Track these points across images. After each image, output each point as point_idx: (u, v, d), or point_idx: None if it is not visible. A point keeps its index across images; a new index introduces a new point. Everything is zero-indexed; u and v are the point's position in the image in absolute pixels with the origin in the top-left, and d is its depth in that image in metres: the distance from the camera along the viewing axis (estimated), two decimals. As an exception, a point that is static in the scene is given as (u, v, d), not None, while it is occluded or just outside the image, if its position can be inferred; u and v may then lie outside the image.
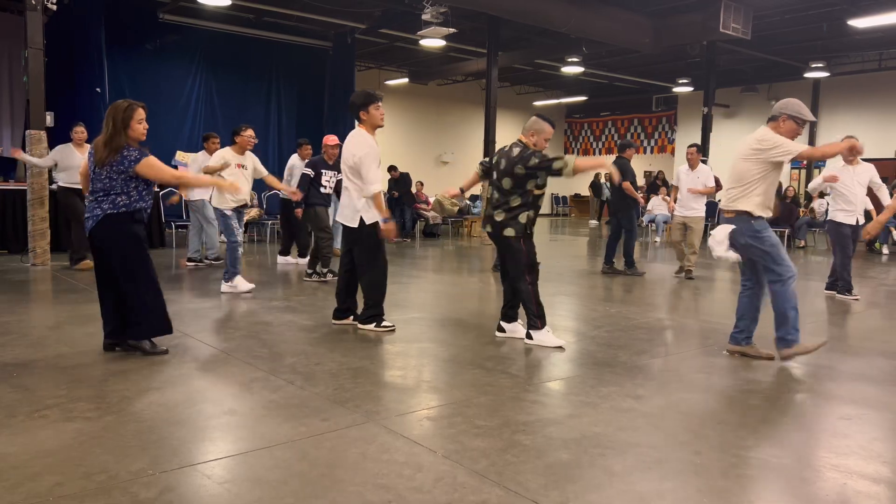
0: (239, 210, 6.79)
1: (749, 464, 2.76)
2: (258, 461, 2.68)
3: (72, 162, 7.86)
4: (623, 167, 8.56)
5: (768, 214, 4.36)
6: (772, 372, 4.24)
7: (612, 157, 4.84)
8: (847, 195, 6.94)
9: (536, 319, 4.72)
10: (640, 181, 19.85)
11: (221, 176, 6.37)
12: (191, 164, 8.92)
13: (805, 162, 19.61)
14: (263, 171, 7.06)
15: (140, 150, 4.09)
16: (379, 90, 20.68)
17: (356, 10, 13.82)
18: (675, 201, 8.45)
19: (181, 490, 2.42)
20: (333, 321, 5.30)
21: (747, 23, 11.25)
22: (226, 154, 6.67)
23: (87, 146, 7.89)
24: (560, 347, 4.65)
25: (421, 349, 4.58)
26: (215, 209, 6.77)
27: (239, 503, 2.33)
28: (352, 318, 5.28)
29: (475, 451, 2.81)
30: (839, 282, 7.06)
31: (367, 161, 4.86)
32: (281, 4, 13.15)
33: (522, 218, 4.68)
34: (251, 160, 6.87)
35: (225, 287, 6.61)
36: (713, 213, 13.29)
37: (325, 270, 7.61)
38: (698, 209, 8.22)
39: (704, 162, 9.08)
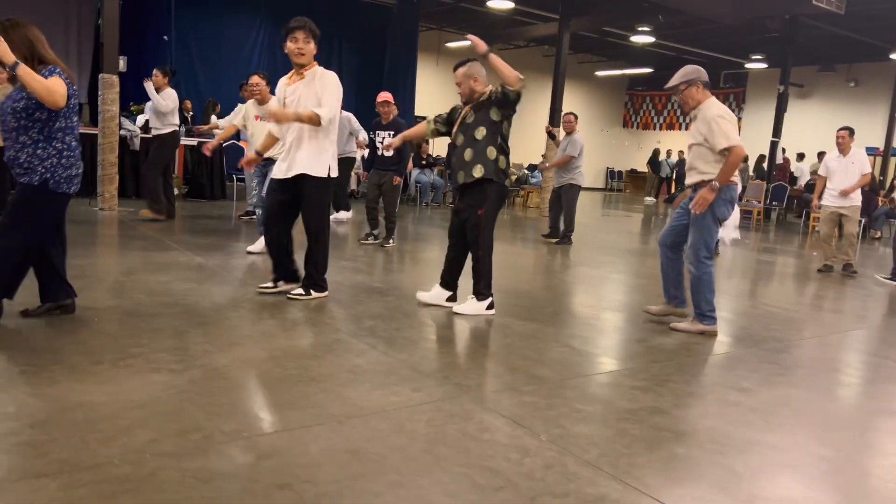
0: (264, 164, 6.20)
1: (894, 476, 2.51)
2: (354, 431, 2.54)
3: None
4: None
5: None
6: (889, 370, 3.93)
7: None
8: None
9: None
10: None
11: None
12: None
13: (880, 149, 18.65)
14: None
15: None
16: (439, 53, 20.46)
17: (425, -33, 13.45)
18: (819, 193, 7.88)
19: (281, 457, 2.29)
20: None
21: (842, -4, 10.54)
22: (246, 107, 6.43)
23: (170, 90, 7.76)
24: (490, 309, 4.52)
25: (500, 323, 4.39)
26: None
27: (342, 477, 2.19)
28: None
29: (581, 437, 2.62)
30: None
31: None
32: (349, -42, 12.85)
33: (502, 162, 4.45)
34: None
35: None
36: (869, 204, 11.86)
37: (376, 233, 7.40)
38: (855, 199, 7.66)
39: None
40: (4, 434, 2.30)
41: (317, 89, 4.34)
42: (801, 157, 17.86)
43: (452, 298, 4.68)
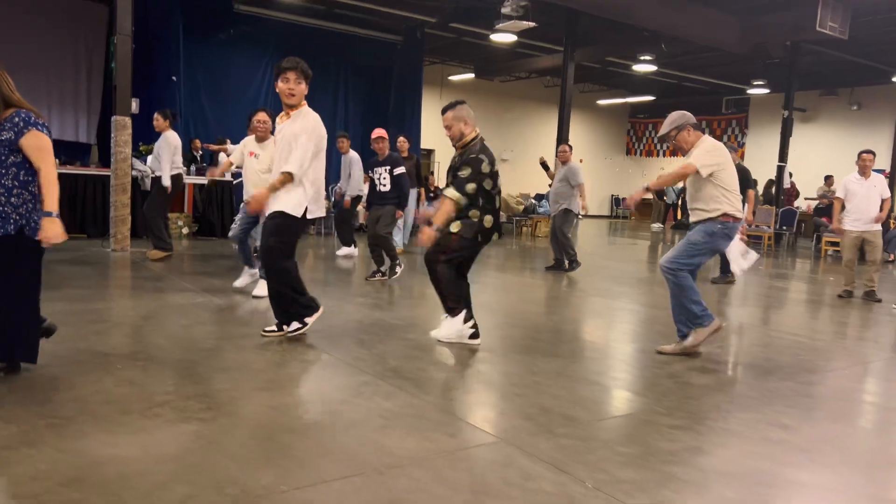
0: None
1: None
2: (395, 481, 2.46)
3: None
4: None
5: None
6: (919, 403, 3.84)
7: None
8: None
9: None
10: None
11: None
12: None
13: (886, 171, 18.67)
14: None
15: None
16: (442, 86, 20.67)
17: (428, 4, 13.62)
18: (838, 215, 7.70)
19: (321, 511, 2.22)
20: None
21: (845, 22, 10.64)
22: (245, 144, 6.05)
23: (171, 132, 7.84)
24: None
25: (525, 360, 4.32)
26: None
27: (388, 532, 2.12)
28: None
29: (628, 483, 2.54)
30: None
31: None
32: (355, -4, 13.03)
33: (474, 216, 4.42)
34: (270, 150, 5.67)
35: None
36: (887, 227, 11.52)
37: (383, 269, 7.32)
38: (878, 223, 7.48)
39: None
40: (37, 494, 2.23)
41: (295, 130, 4.28)
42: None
43: (475, 336, 4.61)
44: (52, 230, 3.19)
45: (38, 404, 3.03)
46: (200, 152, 12.50)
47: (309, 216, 4.36)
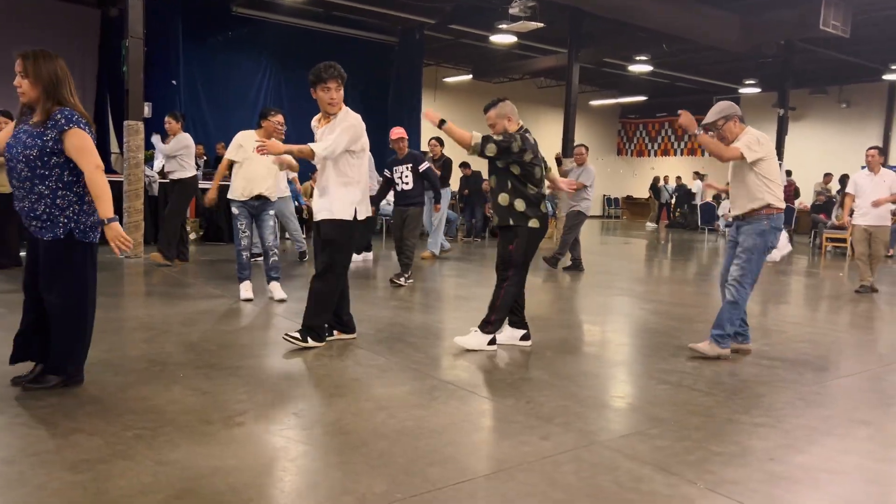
0: (253, 204, 5.65)
1: None
2: (507, 487, 2.42)
3: None
4: None
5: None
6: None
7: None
8: None
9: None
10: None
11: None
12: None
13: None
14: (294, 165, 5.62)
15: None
16: (437, 88, 20.56)
17: (427, 5, 13.58)
18: (850, 211, 7.88)
19: (448, 519, 2.17)
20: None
21: (847, 20, 10.79)
22: (244, 137, 5.63)
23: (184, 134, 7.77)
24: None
25: (579, 361, 4.30)
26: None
27: (524, 539, 2.07)
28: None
29: (737, 483, 2.51)
30: None
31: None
32: (354, -1, 12.97)
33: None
34: None
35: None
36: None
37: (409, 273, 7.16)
38: (885, 217, 7.63)
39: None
40: (155, 508, 2.16)
41: (335, 128, 4.28)
42: (697, 174, 20.22)
43: (527, 337, 4.58)
44: (112, 236, 3.05)
45: (116, 415, 2.95)
46: (204, 157, 12.34)
47: (359, 217, 4.30)
